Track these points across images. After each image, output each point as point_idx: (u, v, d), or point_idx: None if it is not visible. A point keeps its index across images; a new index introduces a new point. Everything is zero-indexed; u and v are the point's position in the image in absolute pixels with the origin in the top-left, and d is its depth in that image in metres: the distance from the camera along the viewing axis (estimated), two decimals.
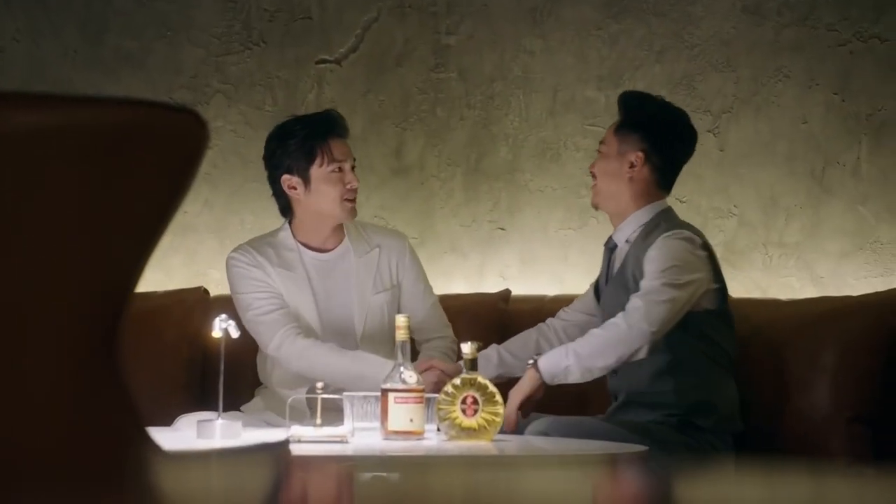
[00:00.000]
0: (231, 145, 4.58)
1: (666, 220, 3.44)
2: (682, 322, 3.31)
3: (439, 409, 3.07)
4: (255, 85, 4.72)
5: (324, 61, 4.68)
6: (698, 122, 4.25)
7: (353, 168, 3.70)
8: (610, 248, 3.52)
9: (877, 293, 3.78)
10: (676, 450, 3.29)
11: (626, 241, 3.46)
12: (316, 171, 3.65)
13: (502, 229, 4.48)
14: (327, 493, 1.29)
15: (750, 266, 4.16)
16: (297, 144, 3.67)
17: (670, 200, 4.27)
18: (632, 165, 3.46)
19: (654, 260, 3.31)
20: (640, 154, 3.46)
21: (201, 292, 4.20)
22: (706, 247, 3.41)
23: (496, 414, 3.06)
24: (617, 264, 3.46)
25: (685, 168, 4.27)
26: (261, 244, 3.74)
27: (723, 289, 3.43)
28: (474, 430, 3.05)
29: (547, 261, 4.40)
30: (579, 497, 1.34)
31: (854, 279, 4.01)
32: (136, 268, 1.18)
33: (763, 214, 4.16)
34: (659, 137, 3.49)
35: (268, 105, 4.70)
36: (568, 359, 3.22)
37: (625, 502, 1.25)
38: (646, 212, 3.46)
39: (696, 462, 3.21)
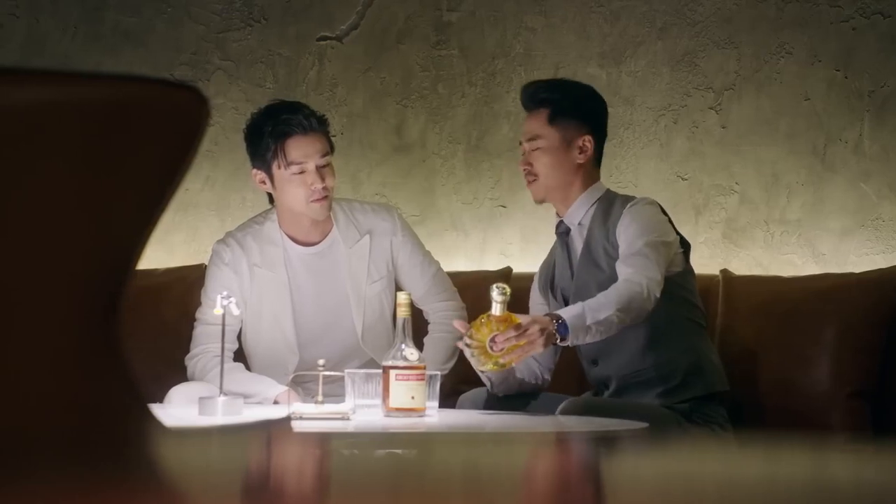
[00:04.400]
0: (232, 122, 4.58)
1: (618, 196, 3.45)
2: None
3: (469, 336, 3.09)
4: (257, 62, 4.71)
5: (325, 38, 4.67)
6: (700, 99, 4.25)
7: (324, 165, 3.53)
8: (563, 232, 3.50)
9: (878, 270, 3.79)
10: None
11: (579, 223, 3.44)
12: (277, 171, 3.54)
13: (504, 207, 4.48)
14: (326, 468, 1.29)
15: (752, 243, 4.16)
16: (258, 142, 3.56)
17: (672, 178, 4.27)
18: (581, 151, 3.44)
19: (631, 226, 3.31)
20: (588, 136, 3.44)
21: (202, 270, 4.20)
22: (664, 211, 3.43)
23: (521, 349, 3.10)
24: (578, 246, 3.45)
25: (687, 145, 4.28)
26: (246, 237, 3.65)
27: (686, 250, 3.44)
28: (497, 358, 3.09)
29: (548, 238, 4.39)
30: (578, 473, 1.34)
31: (856, 256, 4.01)
32: (137, 245, 1.17)
33: (765, 192, 4.16)
34: (594, 115, 3.49)
35: (269, 82, 4.69)
36: (586, 317, 3.13)
37: (626, 479, 1.25)
38: (591, 193, 3.45)
39: (697, 438, 3.22)
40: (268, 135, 3.53)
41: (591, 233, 3.41)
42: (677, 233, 3.42)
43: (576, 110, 3.45)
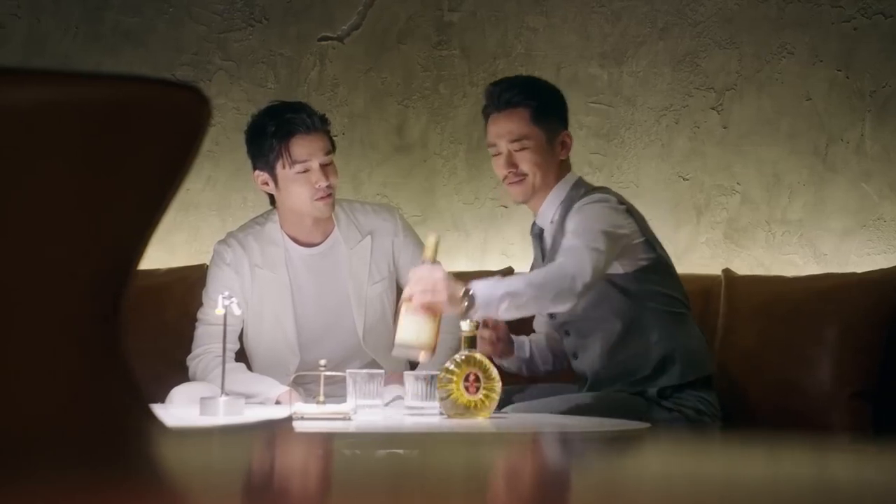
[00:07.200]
0: (234, 123, 4.58)
1: (580, 194, 3.40)
2: (623, 288, 3.32)
3: (440, 388, 3.07)
4: (258, 62, 4.71)
5: (326, 38, 4.67)
6: (702, 99, 4.24)
7: (327, 163, 3.54)
8: (536, 234, 3.49)
9: (879, 270, 3.78)
10: (660, 423, 3.29)
11: (551, 222, 3.43)
12: (281, 171, 3.55)
13: (505, 207, 4.48)
14: (328, 468, 1.29)
15: (753, 243, 4.16)
16: (260, 143, 3.56)
17: (674, 178, 4.27)
18: (563, 147, 3.43)
19: (572, 223, 3.28)
20: (566, 131, 3.45)
21: (203, 270, 4.20)
22: (623, 202, 3.40)
23: (494, 390, 3.07)
24: (549, 246, 3.45)
25: (689, 145, 4.27)
26: (247, 237, 3.66)
27: (650, 240, 3.40)
28: (475, 407, 3.05)
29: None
30: (576, 472, 1.34)
31: (857, 256, 4.01)
32: (138, 245, 1.17)
33: (766, 192, 4.16)
34: (565, 112, 3.48)
35: (270, 82, 4.69)
36: (500, 287, 3.13)
37: (625, 478, 1.25)
38: (561, 188, 3.42)
39: (697, 437, 3.22)
40: (271, 135, 3.54)
41: (556, 234, 3.40)
42: (642, 226, 3.39)
43: (554, 107, 3.45)
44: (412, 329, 3.07)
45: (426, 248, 3.16)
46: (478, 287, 3.11)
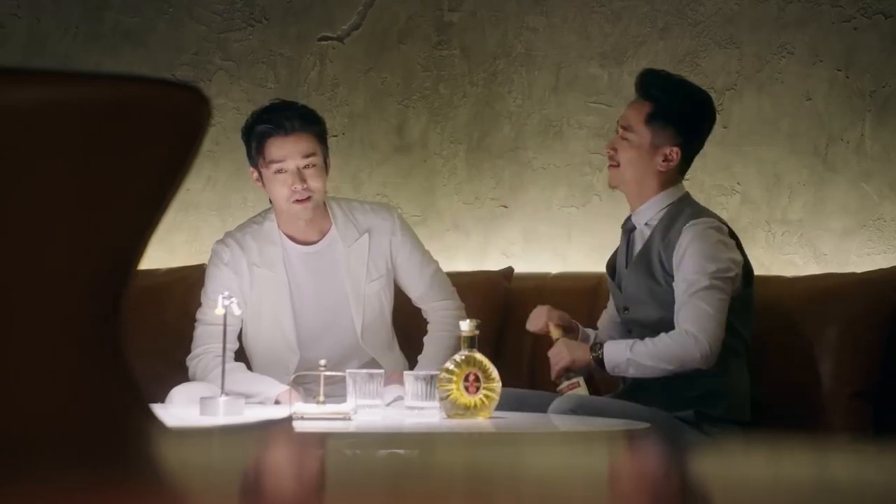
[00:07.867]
0: (234, 123, 4.58)
1: (689, 206, 3.41)
2: None
3: (440, 388, 3.07)
4: (258, 62, 4.71)
5: (326, 38, 4.67)
6: None
7: (307, 165, 3.53)
8: (628, 229, 3.49)
9: (879, 270, 3.78)
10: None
11: (647, 224, 3.42)
12: (264, 170, 3.59)
13: (505, 207, 4.48)
14: (327, 468, 1.29)
15: (753, 243, 4.16)
16: (247, 141, 3.62)
17: None
18: (665, 160, 3.41)
19: (689, 256, 3.27)
20: (677, 149, 3.41)
21: (203, 270, 4.20)
22: (732, 233, 3.40)
23: (494, 391, 3.06)
24: (637, 246, 3.43)
25: None
26: (245, 236, 3.66)
27: (748, 271, 3.41)
28: (475, 407, 3.05)
29: (550, 238, 4.39)
30: (584, 472, 1.34)
31: (857, 256, 4.01)
32: (138, 245, 1.17)
33: (766, 192, 4.16)
34: (693, 131, 3.44)
35: (270, 82, 4.69)
36: (626, 353, 3.27)
37: (623, 478, 1.25)
38: (666, 196, 3.41)
39: (696, 437, 3.22)
40: (253, 134, 3.57)
41: (651, 238, 3.38)
42: (744, 256, 3.39)
43: (676, 118, 3.40)
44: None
45: (550, 335, 3.44)
46: (607, 347, 3.32)
